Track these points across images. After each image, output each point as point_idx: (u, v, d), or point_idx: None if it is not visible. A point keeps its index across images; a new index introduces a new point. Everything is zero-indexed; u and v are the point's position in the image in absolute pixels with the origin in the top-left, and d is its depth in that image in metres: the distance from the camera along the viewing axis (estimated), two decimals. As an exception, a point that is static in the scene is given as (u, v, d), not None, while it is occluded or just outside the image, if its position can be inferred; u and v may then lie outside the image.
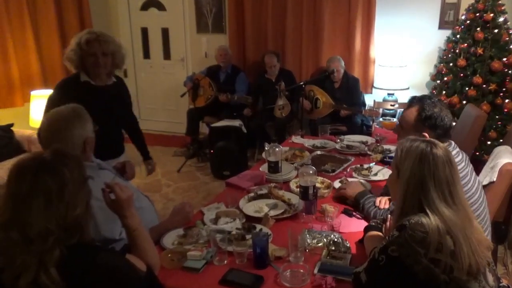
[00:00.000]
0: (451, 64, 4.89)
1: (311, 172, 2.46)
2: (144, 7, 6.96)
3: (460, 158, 2.30)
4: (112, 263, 1.52)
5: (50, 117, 2.15)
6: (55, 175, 1.45)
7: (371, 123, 5.22)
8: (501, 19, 4.65)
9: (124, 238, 1.95)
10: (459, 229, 1.55)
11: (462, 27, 4.85)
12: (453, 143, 2.36)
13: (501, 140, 4.54)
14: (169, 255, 2.06)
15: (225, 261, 2.05)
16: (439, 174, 1.61)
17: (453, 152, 2.27)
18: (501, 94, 4.65)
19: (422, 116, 2.27)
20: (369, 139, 3.78)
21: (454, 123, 2.37)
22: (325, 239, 2.13)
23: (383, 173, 2.99)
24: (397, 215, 1.67)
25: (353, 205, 2.58)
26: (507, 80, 4.61)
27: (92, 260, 1.46)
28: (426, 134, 2.23)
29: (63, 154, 1.55)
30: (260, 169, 3.16)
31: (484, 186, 2.70)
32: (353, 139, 3.79)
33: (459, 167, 2.13)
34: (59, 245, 1.40)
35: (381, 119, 5.36)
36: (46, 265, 1.37)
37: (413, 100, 2.38)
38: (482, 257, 1.58)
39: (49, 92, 4.95)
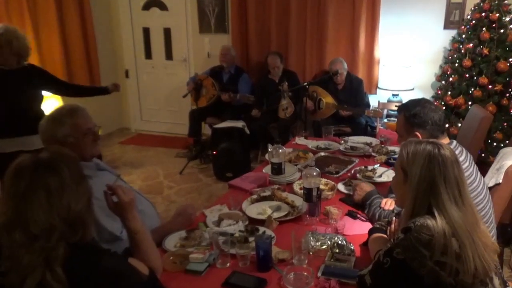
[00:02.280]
0: (456, 65, 4.85)
1: (314, 173, 2.44)
2: (146, 7, 6.95)
3: (463, 158, 2.30)
4: (116, 268, 1.52)
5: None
6: (53, 171, 1.45)
7: (375, 124, 5.19)
8: (507, 19, 4.61)
9: (125, 238, 1.94)
10: (466, 232, 1.54)
11: (468, 27, 4.82)
12: (455, 142, 2.37)
13: (507, 142, 4.52)
14: (171, 257, 2.05)
15: (228, 264, 2.04)
16: (449, 174, 1.60)
17: (456, 151, 2.27)
18: (507, 95, 4.61)
19: (407, 117, 2.36)
20: (374, 141, 3.76)
21: (443, 117, 2.40)
22: (329, 242, 2.12)
23: (387, 175, 2.97)
24: (407, 217, 1.65)
25: (361, 205, 2.57)
26: (513, 80, 4.58)
27: (96, 264, 1.45)
28: (418, 134, 2.29)
29: (59, 153, 1.55)
30: (263, 170, 3.14)
31: (490, 188, 2.70)
32: (357, 140, 3.77)
33: (463, 166, 2.15)
34: (63, 241, 1.40)
35: (385, 120, 5.34)
36: (52, 264, 1.36)
37: (399, 107, 2.51)
38: (490, 261, 1.56)
39: (49, 92, 4.95)
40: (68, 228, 1.42)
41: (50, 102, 4.81)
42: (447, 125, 4.69)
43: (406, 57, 5.47)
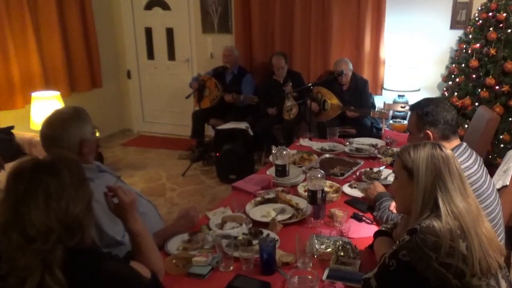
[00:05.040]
0: (463, 65, 4.82)
1: (319, 175, 2.44)
2: (148, 7, 6.92)
3: (472, 161, 2.30)
4: (117, 271, 1.51)
5: (51, 115, 2.18)
6: (53, 174, 1.44)
7: (381, 125, 5.15)
8: (514, 19, 4.57)
9: (126, 243, 1.94)
10: (471, 225, 1.56)
11: (474, 27, 4.79)
12: (464, 144, 2.37)
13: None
14: (174, 261, 2.05)
15: (231, 267, 2.04)
16: (452, 166, 1.66)
17: (465, 154, 2.30)
18: (515, 95, 4.56)
19: (419, 114, 2.36)
20: (379, 142, 3.74)
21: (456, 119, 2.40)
22: (333, 245, 2.11)
23: (393, 177, 2.92)
24: (416, 215, 1.66)
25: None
26: (521, 81, 4.52)
27: (97, 268, 1.45)
28: (429, 132, 2.31)
29: (61, 156, 1.55)
30: (267, 172, 3.13)
31: (497, 190, 2.66)
32: (363, 141, 3.75)
33: (471, 170, 2.24)
34: (61, 244, 1.39)
35: (391, 121, 5.30)
36: (50, 266, 1.35)
37: (412, 106, 2.51)
38: (492, 257, 1.57)
39: (50, 93, 4.96)
40: (65, 231, 1.41)
41: (49, 104, 4.79)
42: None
43: (412, 58, 5.44)
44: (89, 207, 1.53)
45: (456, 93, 4.79)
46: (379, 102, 5.65)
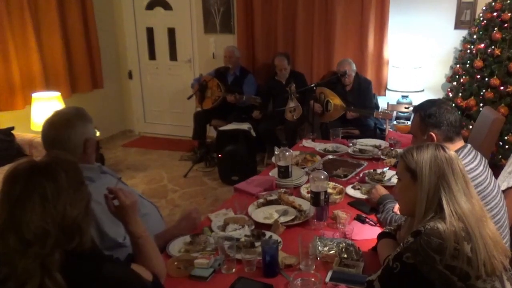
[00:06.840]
0: (467, 65, 4.79)
1: (322, 177, 2.43)
2: (150, 6, 6.90)
3: (477, 162, 2.29)
4: (118, 275, 1.50)
5: (52, 116, 2.16)
6: (50, 176, 1.42)
7: (384, 126, 5.14)
8: (519, 19, 4.54)
9: (128, 245, 1.92)
10: (475, 226, 1.57)
11: (479, 27, 4.76)
12: (469, 145, 2.36)
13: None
14: (176, 263, 2.05)
15: (234, 269, 2.04)
16: (456, 167, 1.66)
17: (470, 156, 2.29)
18: (519, 96, 4.53)
19: (423, 117, 2.35)
20: (383, 143, 3.73)
21: (462, 121, 2.38)
22: (337, 247, 2.11)
23: (396, 178, 2.91)
24: (420, 216, 1.66)
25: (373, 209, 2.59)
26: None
27: (98, 271, 1.44)
28: (433, 134, 2.31)
29: (58, 158, 1.52)
30: (270, 174, 3.12)
31: (502, 192, 2.64)
32: (366, 143, 3.74)
33: (476, 172, 2.23)
34: (59, 248, 1.37)
35: (395, 122, 5.28)
36: (49, 269, 1.34)
37: (415, 108, 2.53)
38: (497, 259, 1.57)
39: (51, 94, 4.95)
40: (63, 234, 1.39)
41: (50, 105, 4.77)
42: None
43: (416, 58, 5.43)
44: (87, 209, 1.51)
45: (460, 94, 4.77)
46: (382, 102, 5.61)
